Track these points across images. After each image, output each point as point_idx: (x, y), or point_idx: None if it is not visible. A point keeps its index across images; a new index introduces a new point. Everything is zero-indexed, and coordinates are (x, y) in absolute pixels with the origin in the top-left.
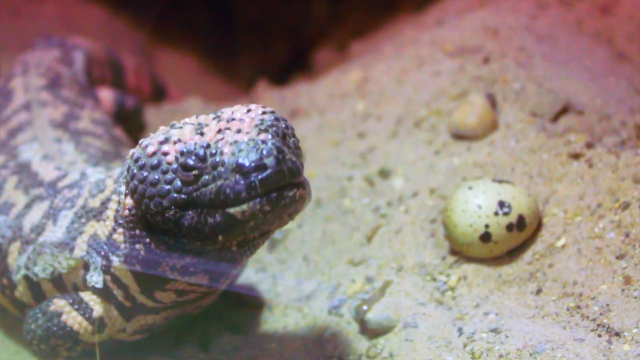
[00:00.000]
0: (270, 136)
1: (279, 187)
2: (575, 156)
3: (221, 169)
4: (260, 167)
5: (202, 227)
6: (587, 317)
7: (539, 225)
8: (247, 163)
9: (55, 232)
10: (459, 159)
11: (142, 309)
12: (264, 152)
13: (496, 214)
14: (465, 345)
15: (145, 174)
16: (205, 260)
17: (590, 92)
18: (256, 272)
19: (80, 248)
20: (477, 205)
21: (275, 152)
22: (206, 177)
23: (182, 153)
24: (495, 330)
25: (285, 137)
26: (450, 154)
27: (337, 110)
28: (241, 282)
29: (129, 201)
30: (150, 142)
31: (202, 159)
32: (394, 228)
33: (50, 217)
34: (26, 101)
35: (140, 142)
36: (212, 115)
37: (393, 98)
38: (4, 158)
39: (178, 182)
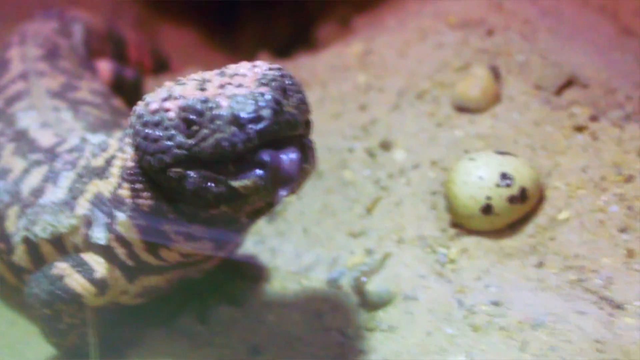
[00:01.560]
0: (269, 89)
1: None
2: (579, 129)
3: (218, 122)
4: (256, 118)
5: (205, 194)
6: (589, 290)
7: (541, 198)
8: (243, 115)
9: (55, 193)
10: (461, 131)
11: (146, 268)
12: (261, 103)
13: (498, 185)
14: (465, 318)
15: (147, 131)
16: (210, 227)
17: (595, 66)
18: (255, 244)
19: (82, 207)
20: (479, 177)
21: (272, 103)
22: (205, 131)
23: (182, 108)
24: (496, 303)
25: (286, 92)
26: (453, 126)
27: (338, 83)
28: (240, 253)
29: (134, 153)
30: (153, 99)
31: (201, 114)
32: (395, 200)
33: (49, 180)
34: (23, 71)
35: (143, 98)
36: (217, 71)
37: (395, 70)
38: (1, 125)
39: (178, 138)
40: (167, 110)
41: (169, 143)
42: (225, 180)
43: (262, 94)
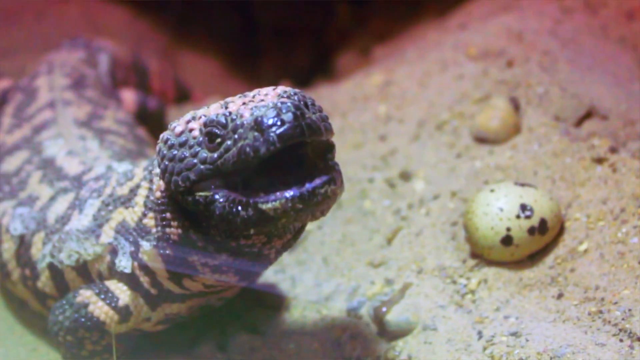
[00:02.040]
0: (290, 100)
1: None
2: (599, 161)
3: (241, 130)
4: (278, 122)
5: (234, 218)
6: (609, 322)
7: (561, 230)
8: (264, 120)
9: (81, 220)
10: (480, 162)
11: (169, 297)
12: (282, 109)
13: (518, 217)
14: (484, 349)
15: (174, 152)
16: (237, 259)
17: (614, 98)
18: (275, 273)
19: (107, 235)
20: (499, 208)
21: (293, 109)
22: (228, 142)
23: (205, 124)
24: (515, 334)
25: (307, 106)
26: (472, 157)
27: (358, 113)
28: (260, 282)
29: (161, 183)
30: (178, 123)
31: (224, 126)
32: (415, 230)
33: (75, 207)
34: (50, 100)
35: (170, 124)
36: (239, 95)
37: (415, 101)
38: (29, 153)
39: (203, 154)
40: (191, 130)
41: (194, 160)
42: (254, 203)
43: (284, 102)
